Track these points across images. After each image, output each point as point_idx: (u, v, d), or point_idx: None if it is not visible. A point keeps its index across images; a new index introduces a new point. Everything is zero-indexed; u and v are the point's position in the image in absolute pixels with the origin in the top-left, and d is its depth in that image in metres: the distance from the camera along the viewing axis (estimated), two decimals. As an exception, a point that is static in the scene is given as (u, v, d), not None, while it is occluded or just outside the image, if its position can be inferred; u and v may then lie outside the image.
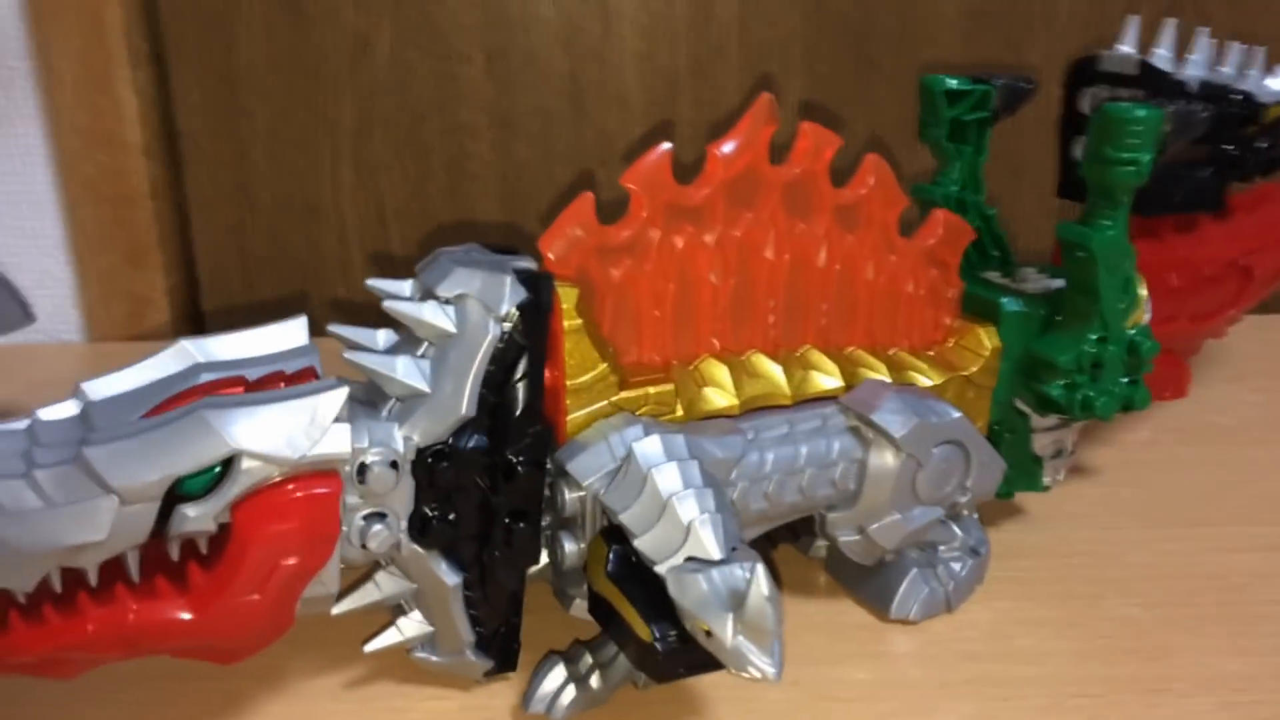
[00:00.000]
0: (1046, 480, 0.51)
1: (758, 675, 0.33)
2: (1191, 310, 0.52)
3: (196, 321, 0.89)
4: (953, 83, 0.51)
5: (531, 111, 0.84)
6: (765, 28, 0.83)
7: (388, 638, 0.40)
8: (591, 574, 0.39)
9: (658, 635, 0.35)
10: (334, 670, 0.43)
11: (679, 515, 0.36)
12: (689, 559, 0.35)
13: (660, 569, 0.35)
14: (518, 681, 0.42)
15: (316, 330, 0.38)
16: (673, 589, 0.34)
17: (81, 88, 0.78)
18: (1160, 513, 0.55)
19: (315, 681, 0.43)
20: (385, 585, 0.39)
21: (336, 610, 0.39)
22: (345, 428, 0.35)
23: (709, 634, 0.33)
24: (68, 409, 0.36)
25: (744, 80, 0.83)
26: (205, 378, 0.36)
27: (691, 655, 0.35)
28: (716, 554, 0.35)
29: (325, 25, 0.81)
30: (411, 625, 0.40)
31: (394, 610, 0.40)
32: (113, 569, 0.34)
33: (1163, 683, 0.42)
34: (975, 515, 0.49)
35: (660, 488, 0.36)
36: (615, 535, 0.38)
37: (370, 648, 0.40)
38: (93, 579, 0.34)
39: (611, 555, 0.37)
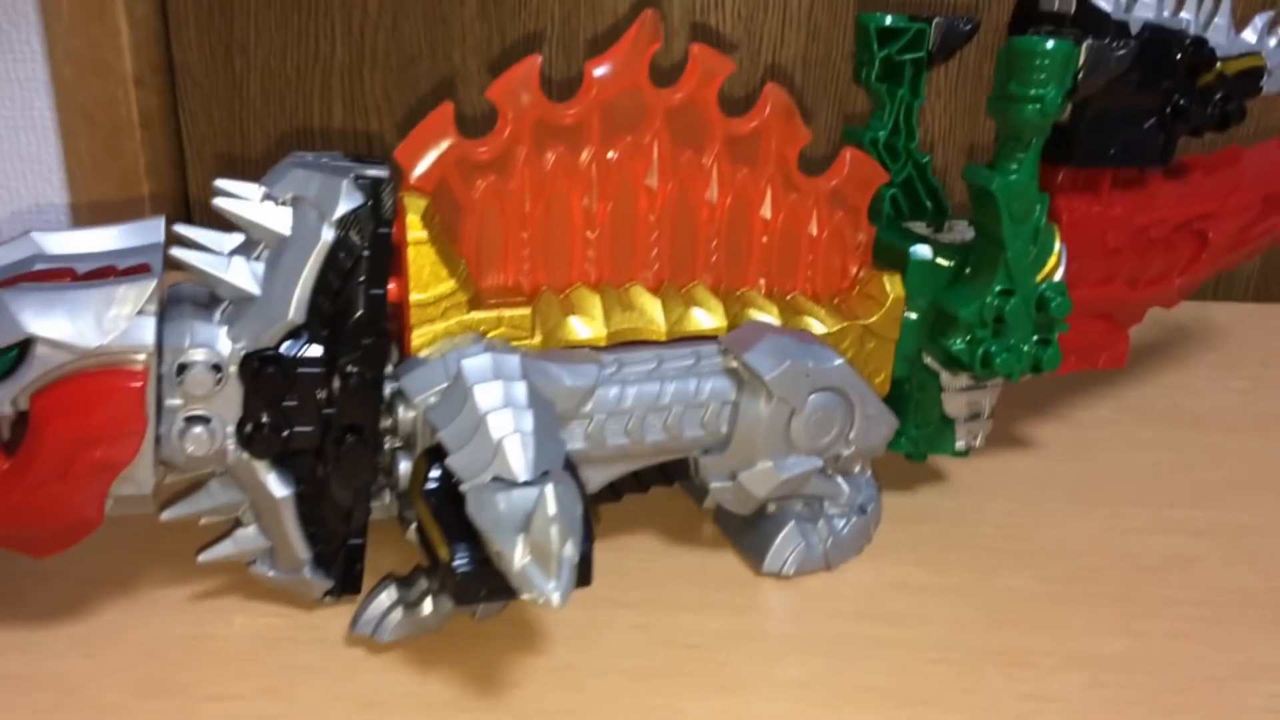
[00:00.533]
0: (960, 444, 0.48)
1: (539, 600, 0.31)
2: (1130, 273, 0.48)
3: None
4: (888, 20, 0.48)
5: (524, 55, 0.82)
6: (764, -20, 0.80)
7: (222, 549, 0.39)
8: (412, 494, 0.37)
9: (456, 556, 0.34)
10: (189, 581, 0.43)
11: (490, 432, 0.34)
12: (495, 479, 0.34)
13: (464, 487, 0.34)
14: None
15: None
16: (471, 507, 0.33)
17: (78, 16, 0.79)
18: (1092, 491, 0.52)
19: (166, 590, 0.42)
20: (217, 494, 0.38)
21: (166, 515, 0.38)
22: (149, 320, 0.34)
23: (500, 556, 0.32)
24: (-96, 292, 0.36)
25: (740, 30, 0.81)
26: (38, 267, 0.36)
27: (492, 579, 0.34)
28: (522, 475, 0.33)
29: (318, -39, 0.81)
30: (247, 538, 0.39)
31: (234, 522, 0.40)
32: (-84, 448, 0.34)
33: (1031, 656, 0.40)
34: (868, 472, 0.46)
35: (478, 405, 0.35)
36: (438, 454, 0.36)
37: (204, 557, 0.39)
38: (-106, 455, 0.33)
39: (430, 475, 0.36)
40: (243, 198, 0.38)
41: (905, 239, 0.46)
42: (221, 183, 0.38)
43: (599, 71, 0.40)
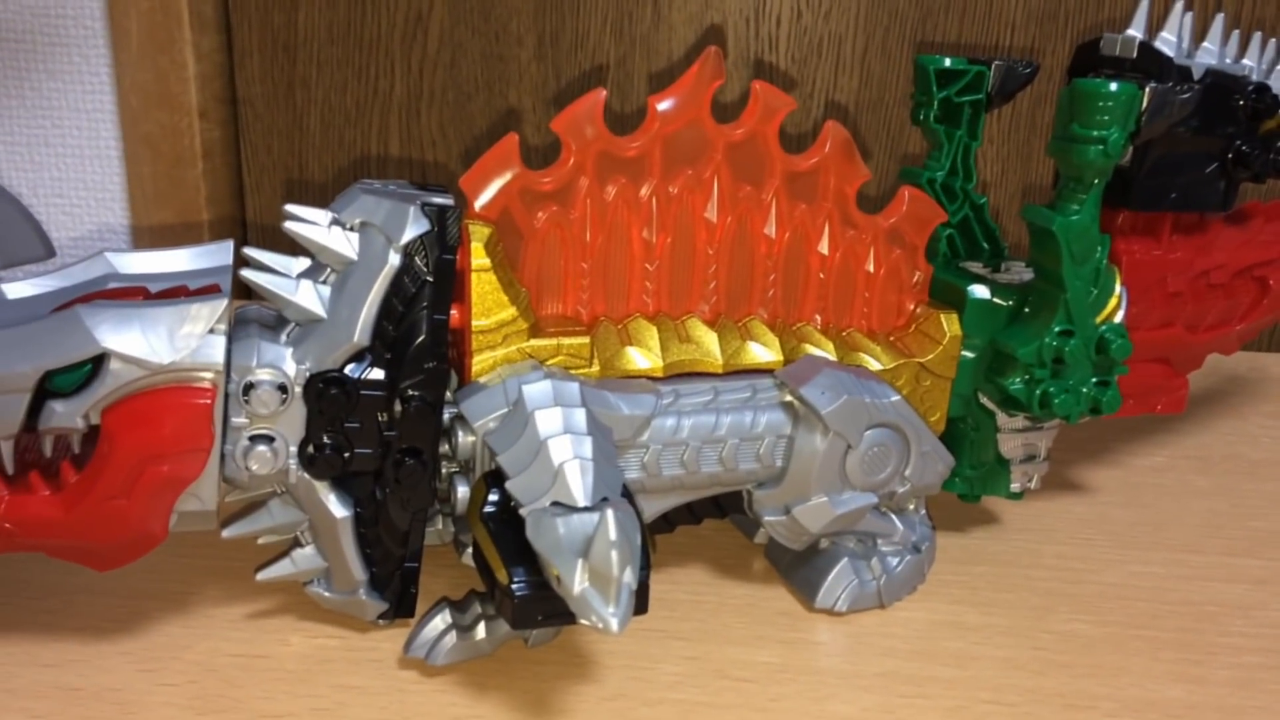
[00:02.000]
0: (1015, 486, 0.48)
1: (598, 625, 0.31)
2: (1190, 318, 0.48)
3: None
4: (947, 62, 0.48)
5: (578, 96, 0.83)
6: (819, 22, 0.81)
7: (280, 568, 0.40)
8: (470, 518, 0.38)
9: (514, 579, 0.34)
10: (243, 600, 0.43)
11: (550, 458, 0.35)
12: (554, 503, 0.34)
13: (523, 511, 0.34)
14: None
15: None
16: (530, 531, 0.33)
17: (146, 48, 0.81)
18: (1147, 537, 0.51)
19: (221, 609, 0.43)
20: (278, 513, 0.39)
21: (226, 533, 0.39)
22: (220, 339, 0.35)
23: (560, 580, 0.32)
24: (-20, 306, 0.37)
25: (793, 72, 0.82)
26: (111, 285, 0.37)
27: (550, 603, 0.34)
28: (581, 500, 0.34)
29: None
30: (305, 558, 0.40)
31: (293, 542, 0.40)
32: (-9, 460, 0.35)
33: (1089, 700, 0.39)
34: (922, 511, 0.46)
35: (539, 430, 0.35)
36: (497, 478, 0.37)
37: (262, 576, 0.40)
38: (-32, 466, 0.34)
39: (488, 497, 0.36)
40: (311, 222, 0.38)
41: (962, 278, 0.46)
42: (291, 207, 0.39)
43: (662, 106, 0.41)
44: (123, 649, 0.40)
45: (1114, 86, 0.40)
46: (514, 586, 0.34)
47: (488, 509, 0.36)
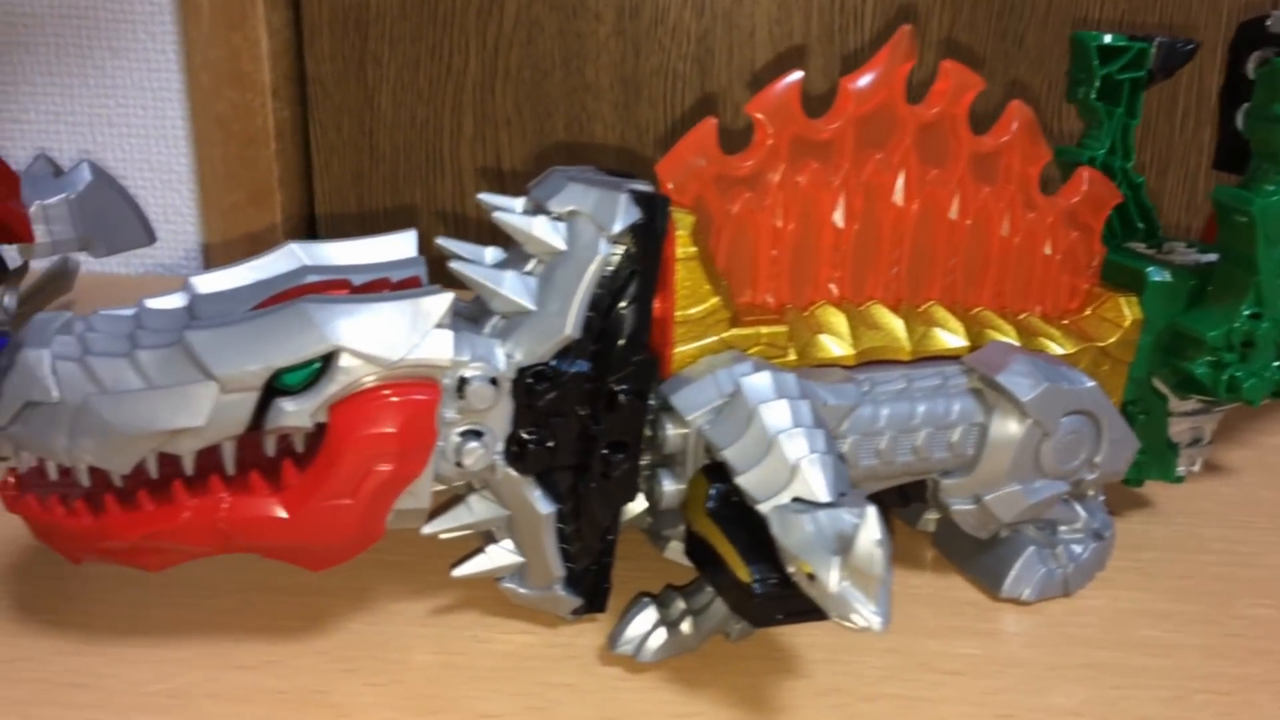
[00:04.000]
0: (1180, 469, 0.47)
1: (861, 624, 0.31)
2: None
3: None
4: (1107, 38, 0.48)
5: (657, 73, 0.82)
6: (903, -3, 0.80)
7: (477, 564, 0.39)
8: (690, 513, 0.37)
9: (756, 577, 0.33)
10: (420, 595, 0.42)
11: (785, 454, 0.34)
12: (794, 499, 0.33)
13: (763, 508, 0.33)
14: (604, 623, 0.41)
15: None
16: (776, 529, 0.32)
17: (218, 25, 0.79)
18: (1303, 517, 0.51)
19: (401, 604, 0.42)
20: (477, 509, 0.38)
21: (427, 529, 0.38)
22: (448, 334, 0.34)
23: (812, 578, 0.31)
24: (175, 300, 0.36)
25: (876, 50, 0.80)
26: (310, 279, 0.36)
27: (791, 601, 0.33)
28: (824, 496, 0.33)
29: (457, -25, 0.81)
30: (501, 554, 0.39)
31: (485, 537, 0.39)
32: (209, 460, 0.34)
33: (1302, 687, 0.39)
34: (1101, 497, 0.45)
35: (767, 425, 0.35)
36: (717, 473, 0.36)
37: (458, 572, 0.39)
38: (189, 467, 0.33)
39: (712, 493, 0.36)
40: (512, 210, 0.37)
41: (1132, 260, 0.46)
42: (485, 197, 0.38)
43: (855, 86, 0.40)
44: (316, 649, 0.39)
45: (1322, 66, 0.39)
46: (755, 584, 0.33)
47: (712, 505, 0.36)
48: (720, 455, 0.35)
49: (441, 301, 0.34)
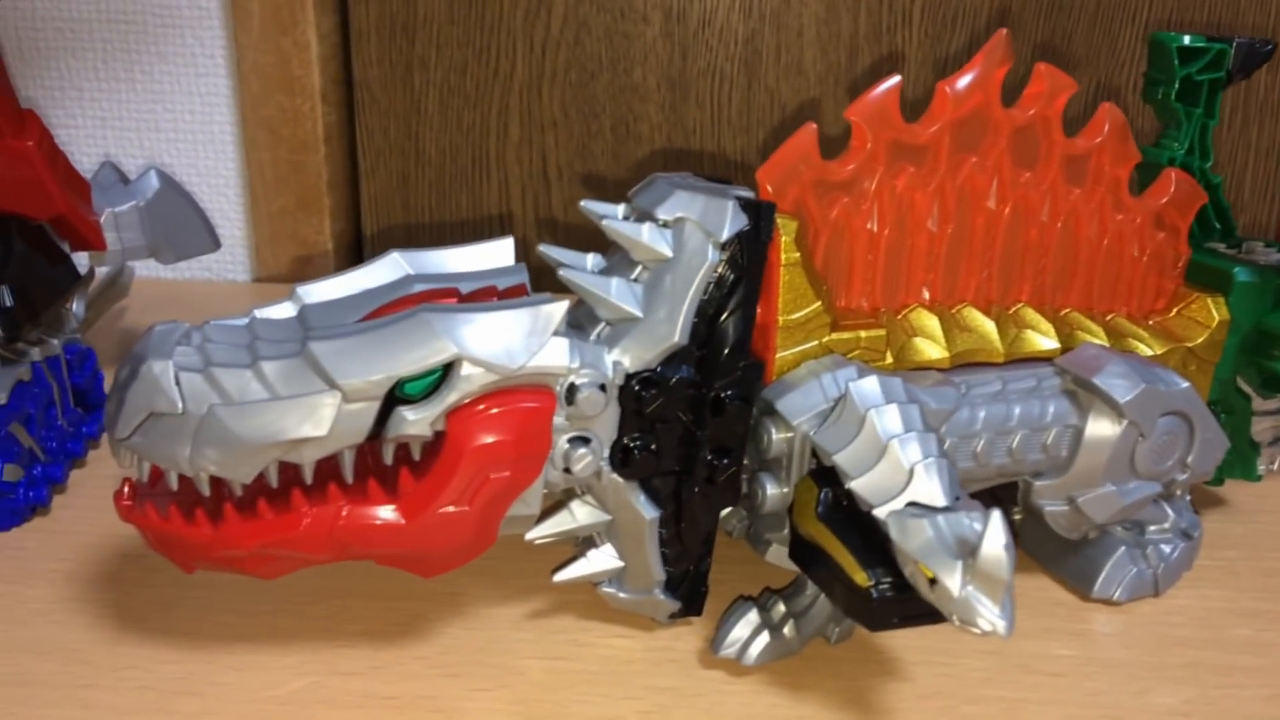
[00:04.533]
0: (1261, 468, 0.48)
1: (986, 629, 0.31)
2: None
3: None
4: (1186, 39, 0.48)
5: (704, 74, 0.82)
6: (952, -3, 0.80)
7: (577, 568, 0.39)
8: (799, 516, 0.37)
9: (873, 581, 0.34)
10: (512, 600, 0.43)
11: (900, 458, 0.34)
12: (910, 504, 0.33)
13: (879, 512, 0.33)
14: (700, 626, 0.41)
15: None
16: (895, 533, 0.32)
17: (268, 29, 0.79)
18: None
19: (494, 609, 0.42)
20: (580, 515, 0.38)
21: (531, 535, 0.38)
22: (564, 341, 0.34)
23: (933, 582, 0.32)
24: (285, 309, 0.36)
25: (925, 51, 0.81)
26: (418, 288, 0.36)
27: (908, 605, 0.33)
28: (941, 500, 0.33)
29: (505, -22, 0.81)
30: (603, 558, 0.39)
31: (582, 543, 0.40)
32: (327, 469, 0.34)
33: (1403, 686, 0.39)
34: (1188, 497, 0.46)
35: (879, 429, 0.35)
36: (824, 477, 0.36)
37: (560, 577, 0.39)
38: (308, 476, 0.33)
39: (822, 497, 0.36)
40: (611, 216, 0.38)
41: (1216, 259, 0.46)
42: (588, 204, 0.38)
43: (952, 90, 0.40)
44: (417, 654, 0.39)
45: None
46: (873, 589, 0.33)
47: (822, 509, 0.36)
48: (831, 460, 0.35)
49: (559, 309, 0.34)
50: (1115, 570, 0.43)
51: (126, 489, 0.35)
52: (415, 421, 0.33)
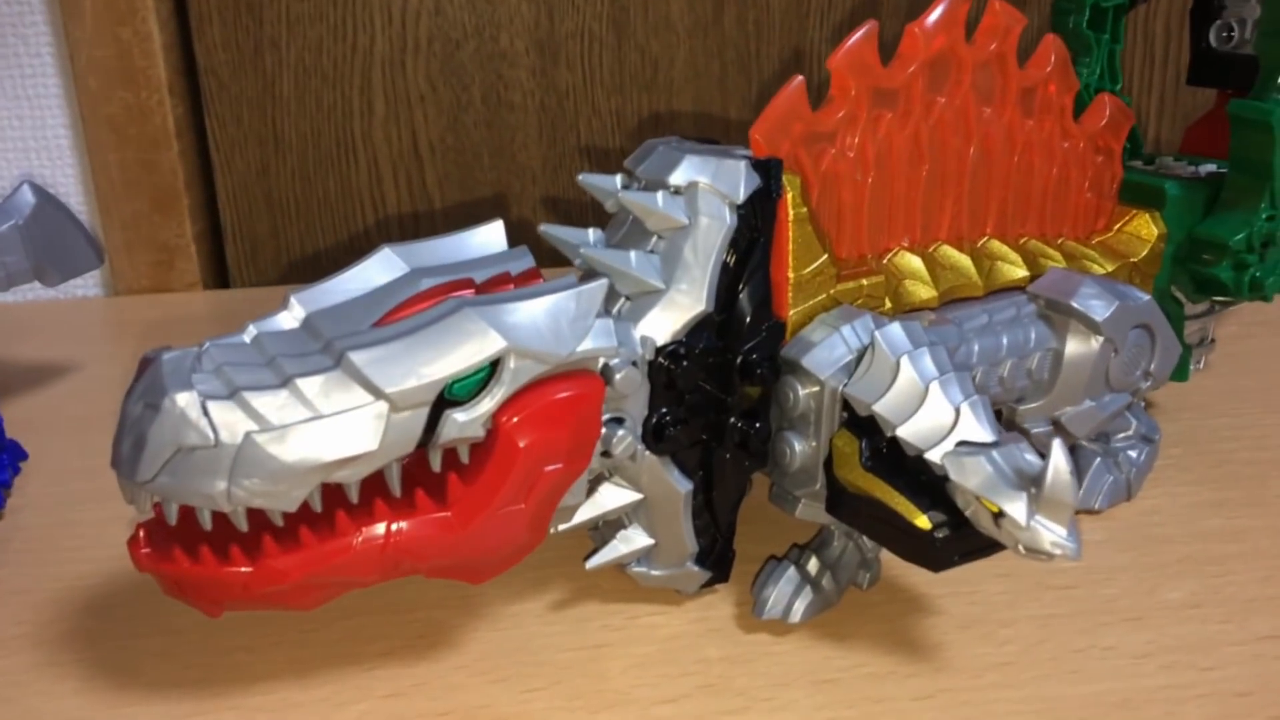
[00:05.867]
0: (1192, 368, 0.51)
1: (1057, 553, 0.32)
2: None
3: (221, 272, 0.84)
4: (1091, -30, 0.50)
5: (573, 35, 0.81)
6: (808, -58, 0.81)
7: (610, 553, 0.38)
8: (840, 468, 0.37)
9: (935, 523, 0.34)
10: (530, 594, 0.41)
11: (944, 400, 0.35)
12: (960, 443, 0.34)
13: (932, 455, 0.34)
14: (727, 592, 0.41)
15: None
16: (954, 473, 0.33)
17: (102, 20, 0.73)
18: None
19: (516, 606, 0.41)
20: (608, 499, 0.37)
21: (563, 527, 0.37)
22: (608, 322, 0.33)
23: (999, 515, 0.32)
24: (284, 321, 0.33)
25: (790, 2, 0.82)
26: (427, 283, 0.34)
27: (967, 540, 0.34)
28: (989, 436, 0.34)
29: (357, -52, 0.77)
30: (635, 538, 0.38)
31: (605, 526, 0.39)
32: (370, 485, 0.32)
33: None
34: (1142, 403, 0.48)
35: (917, 374, 0.35)
36: (860, 427, 0.36)
37: (593, 564, 0.38)
38: (354, 495, 0.31)
39: (864, 447, 0.36)
40: (608, 187, 0.37)
41: (1145, 176, 0.48)
42: (586, 178, 0.37)
43: (921, 30, 0.40)
44: (455, 664, 0.38)
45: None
46: (937, 530, 0.34)
47: (868, 459, 0.36)
48: (871, 410, 0.36)
49: (600, 289, 0.33)
50: (1094, 481, 0.46)
51: (142, 535, 0.32)
52: (466, 424, 0.31)
